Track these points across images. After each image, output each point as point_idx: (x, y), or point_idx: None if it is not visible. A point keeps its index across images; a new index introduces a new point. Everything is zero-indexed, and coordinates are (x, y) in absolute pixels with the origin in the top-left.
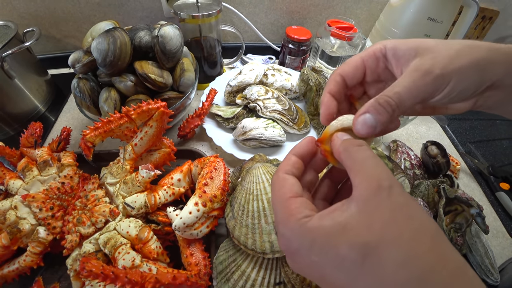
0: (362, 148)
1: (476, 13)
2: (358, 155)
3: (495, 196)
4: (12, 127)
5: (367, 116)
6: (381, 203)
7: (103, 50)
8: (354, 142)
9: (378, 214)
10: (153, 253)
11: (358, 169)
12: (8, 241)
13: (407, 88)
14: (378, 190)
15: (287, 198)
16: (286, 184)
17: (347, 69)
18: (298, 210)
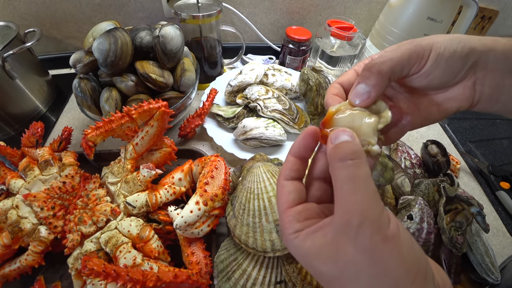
0: (345, 164)
1: (476, 13)
2: (340, 174)
3: (495, 195)
4: (13, 127)
5: (359, 86)
6: (348, 241)
7: (104, 50)
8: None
9: (343, 251)
10: (154, 252)
11: (337, 192)
12: (9, 240)
13: (388, 50)
14: (347, 227)
15: (284, 210)
16: (284, 193)
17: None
18: (290, 224)
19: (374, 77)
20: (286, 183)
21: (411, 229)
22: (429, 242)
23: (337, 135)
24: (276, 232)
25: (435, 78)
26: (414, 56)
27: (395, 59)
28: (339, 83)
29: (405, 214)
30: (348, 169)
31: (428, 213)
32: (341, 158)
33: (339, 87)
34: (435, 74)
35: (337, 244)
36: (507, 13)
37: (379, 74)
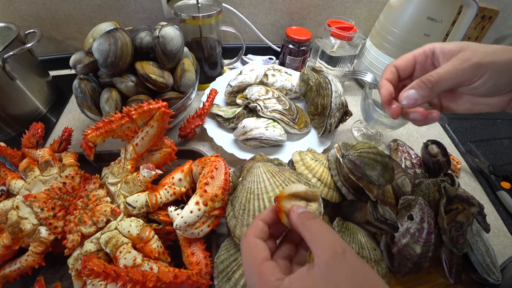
0: (315, 220)
1: (476, 13)
2: (312, 227)
3: (496, 195)
4: (13, 128)
5: (411, 91)
6: (339, 266)
7: (104, 51)
8: (309, 216)
9: (337, 276)
10: (154, 253)
11: (315, 239)
12: (9, 241)
13: (447, 70)
14: (335, 255)
15: (260, 262)
16: (258, 249)
17: (400, 62)
18: (271, 273)
19: (426, 91)
20: (258, 241)
21: (411, 229)
22: (429, 242)
23: (297, 208)
24: None
25: (480, 91)
26: (471, 77)
27: (451, 80)
28: (395, 66)
29: (406, 214)
30: (320, 222)
31: (429, 213)
32: (308, 217)
33: (394, 71)
34: (480, 89)
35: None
36: (508, 13)
37: (431, 90)
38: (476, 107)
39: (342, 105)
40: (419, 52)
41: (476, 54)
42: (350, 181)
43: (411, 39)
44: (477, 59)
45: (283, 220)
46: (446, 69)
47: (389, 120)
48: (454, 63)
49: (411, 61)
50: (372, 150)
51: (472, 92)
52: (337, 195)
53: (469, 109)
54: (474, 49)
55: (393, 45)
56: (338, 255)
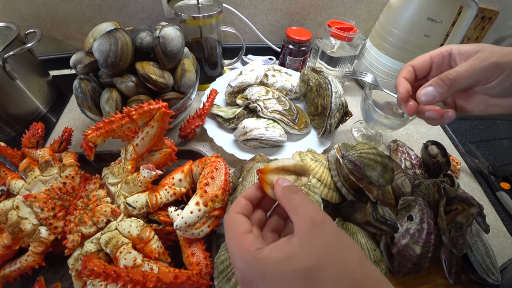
0: (297, 194)
1: (476, 13)
2: (293, 200)
3: (496, 196)
4: (13, 128)
5: (429, 88)
6: (317, 234)
7: (105, 51)
8: (292, 189)
9: (316, 242)
10: (154, 253)
11: (295, 211)
12: (10, 241)
13: (465, 68)
14: (314, 224)
15: (240, 234)
16: (238, 222)
17: (417, 62)
18: (251, 244)
19: (444, 88)
20: (238, 215)
21: (411, 229)
22: (429, 243)
23: (283, 181)
24: None
25: (496, 91)
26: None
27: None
28: (412, 66)
29: (405, 214)
30: (301, 194)
31: (428, 214)
32: (291, 190)
33: (411, 70)
34: (496, 89)
35: (307, 242)
36: (508, 13)
37: (449, 87)
38: (490, 108)
39: (342, 105)
40: (436, 53)
41: (494, 54)
42: (350, 181)
43: (411, 39)
44: (495, 59)
45: (268, 192)
46: (464, 68)
47: (389, 121)
48: (472, 62)
49: (428, 61)
50: (372, 151)
51: (487, 92)
52: (337, 195)
53: (483, 110)
54: (492, 50)
55: (393, 45)
56: (317, 224)
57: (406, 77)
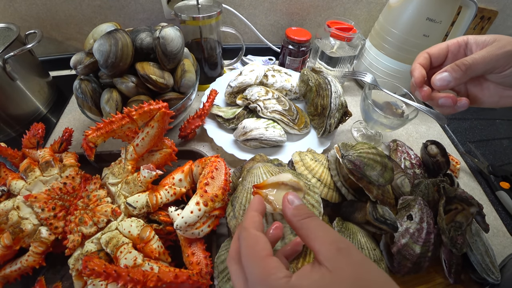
0: (311, 218)
1: (475, 13)
2: (309, 225)
3: (495, 195)
4: (14, 128)
5: (444, 73)
6: (345, 262)
7: (105, 51)
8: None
9: (346, 270)
10: (154, 253)
11: (313, 236)
12: (10, 241)
13: (481, 55)
14: (339, 251)
15: (264, 257)
16: (260, 243)
17: (434, 49)
18: (278, 269)
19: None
20: (259, 234)
21: (411, 229)
22: (429, 242)
23: (293, 199)
24: None
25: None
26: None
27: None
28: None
29: (405, 214)
30: (317, 220)
31: (428, 213)
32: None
33: (427, 57)
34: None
35: (335, 270)
36: (507, 13)
37: (465, 73)
38: (503, 100)
39: (342, 105)
40: (453, 41)
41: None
42: (349, 181)
43: (410, 39)
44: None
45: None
46: (481, 54)
47: (389, 121)
48: (489, 49)
49: (444, 49)
50: (371, 151)
51: (502, 81)
52: (337, 195)
53: (496, 102)
54: (509, 40)
55: (393, 45)
56: (343, 251)
57: (422, 63)
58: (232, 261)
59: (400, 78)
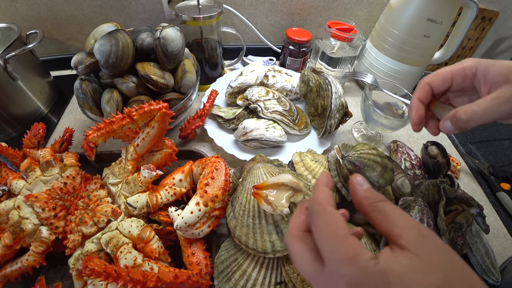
0: (387, 203)
1: (476, 14)
2: (386, 209)
3: (496, 196)
4: (15, 128)
5: (448, 124)
6: (432, 247)
7: (106, 51)
8: (377, 196)
9: (434, 257)
10: (154, 253)
11: (393, 221)
12: (11, 240)
13: (484, 109)
14: (422, 237)
15: (344, 235)
16: (338, 220)
17: (436, 80)
18: (363, 250)
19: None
20: (335, 211)
21: None
22: None
23: (362, 181)
24: (276, 234)
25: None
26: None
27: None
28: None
29: None
30: (391, 205)
31: (428, 214)
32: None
33: (428, 89)
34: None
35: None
36: (508, 14)
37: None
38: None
39: (342, 106)
40: (459, 70)
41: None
42: None
43: (411, 40)
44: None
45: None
46: (483, 107)
47: (389, 121)
48: (493, 101)
49: (448, 79)
50: (372, 151)
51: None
52: (337, 196)
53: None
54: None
55: (393, 46)
56: (426, 237)
57: (422, 98)
58: (294, 239)
59: (400, 78)
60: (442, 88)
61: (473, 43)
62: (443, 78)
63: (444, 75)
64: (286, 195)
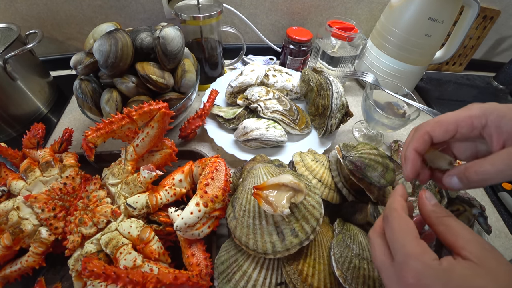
0: (453, 218)
1: (477, 13)
2: (452, 223)
3: (498, 196)
4: (14, 128)
5: (455, 180)
6: (494, 261)
7: (105, 51)
8: (443, 210)
9: (499, 269)
10: (154, 254)
11: (457, 234)
12: (10, 241)
13: (499, 171)
14: (486, 251)
15: (416, 236)
16: (411, 224)
17: (437, 129)
18: (430, 251)
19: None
20: (410, 220)
21: None
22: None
23: (430, 197)
24: (276, 234)
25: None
26: None
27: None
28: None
29: None
30: (457, 220)
31: None
32: (446, 213)
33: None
34: None
35: (486, 265)
36: (509, 13)
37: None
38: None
39: (343, 105)
40: (465, 120)
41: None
42: (350, 182)
43: (412, 39)
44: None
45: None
46: (498, 169)
47: (390, 121)
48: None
49: (452, 131)
50: (373, 151)
51: None
52: (338, 196)
53: None
54: None
55: (394, 45)
56: (489, 251)
57: (419, 149)
58: (376, 234)
59: (401, 78)
60: (443, 139)
61: (474, 42)
62: (446, 128)
63: (447, 125)
64: (286, 196)
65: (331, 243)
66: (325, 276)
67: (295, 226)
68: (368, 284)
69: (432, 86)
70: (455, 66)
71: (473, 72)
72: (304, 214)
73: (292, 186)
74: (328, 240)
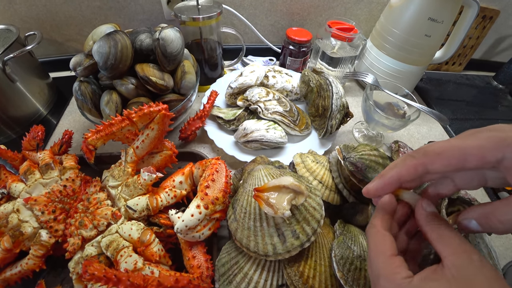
0: (447, 226)
1: (477, 13)
2: (445, 232)
3: (498, 196)
4: (14, 130)
5: (474, 224)
6: (476, 272)
7: (104, 53)
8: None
9: (477, 281)
10: (155, 256)
11: (443, 241)
12: (10, 244)
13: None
14: (471, 260)
15: (390, 256)
16: (387, 242)
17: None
18: (401, 269)
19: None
20: (387, 233)
21: None
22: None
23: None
24: (277, 236)
25: None
26: None
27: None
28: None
29: None
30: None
31: None
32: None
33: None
34: None
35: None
36: (509, 12)
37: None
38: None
39: (343, 106)
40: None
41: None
42: (351, 183)
43: (411, 39)
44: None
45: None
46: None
47: (390, 122)
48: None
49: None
50: (373, 152)
51: None
52: (338, 197)
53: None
54: None
55: (394, 46)
56: (474, 261)
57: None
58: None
59: (401, 78)
60: (442, 172)
61: (473, 42)
62: (448, 162)
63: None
64: (287, 198)
65: (332, 244)
66: (326, 277)
67: (296, 228)
68: (369, 285)
69: (432, 86)
70: (454, 66)
71: (473, 72)
72: (305, 216)
73: (293, 188)
74: (329, 241)
